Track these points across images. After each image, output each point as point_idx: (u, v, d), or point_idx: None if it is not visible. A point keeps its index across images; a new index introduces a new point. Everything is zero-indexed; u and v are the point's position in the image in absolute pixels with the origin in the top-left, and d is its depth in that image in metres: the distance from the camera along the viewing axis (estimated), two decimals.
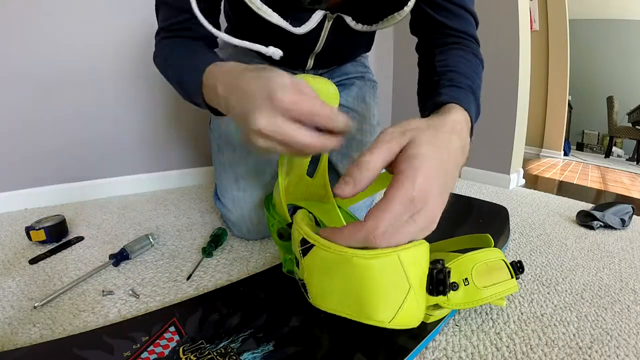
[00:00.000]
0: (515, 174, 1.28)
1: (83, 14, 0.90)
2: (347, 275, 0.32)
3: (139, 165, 1.07)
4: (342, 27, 0.56)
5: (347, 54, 0.75)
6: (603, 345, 0.42)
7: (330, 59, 0.70)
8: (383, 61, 1.62)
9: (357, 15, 0.55)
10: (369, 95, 0.79)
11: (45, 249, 0.64)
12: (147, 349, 0.36)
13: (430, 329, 0.40)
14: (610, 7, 3.83)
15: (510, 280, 0.43)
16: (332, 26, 0.57)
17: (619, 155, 3.92)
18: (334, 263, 0.33)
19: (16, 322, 0.43)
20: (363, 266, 0.31)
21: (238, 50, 0.72)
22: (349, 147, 0.74)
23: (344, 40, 0.63)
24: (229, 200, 0.67)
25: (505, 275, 0.43)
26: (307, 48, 0.63)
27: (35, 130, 0.89)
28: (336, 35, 0.59)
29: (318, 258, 0.34)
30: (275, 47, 0.56)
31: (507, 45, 1.19)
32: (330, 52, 0.65)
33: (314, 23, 0.54)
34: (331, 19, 0.56)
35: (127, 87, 1.00)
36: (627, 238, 0.79)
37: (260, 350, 0.36)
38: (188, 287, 0.53)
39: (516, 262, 0.45)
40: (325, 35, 0.59)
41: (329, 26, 0.57)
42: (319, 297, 0.36)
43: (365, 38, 0.72)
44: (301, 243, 0.36)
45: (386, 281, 0.32)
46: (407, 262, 0.32)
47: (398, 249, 0.31)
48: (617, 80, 4.04)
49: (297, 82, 0.34)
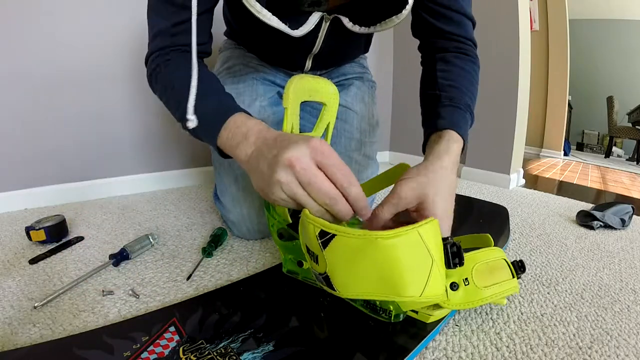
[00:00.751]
0: (515, 174, 1.28)
1: (83, 14, 0.90)
2: (373, 258, 0.33)
3: (139, 165, 1.07)
4: (340, 28, 0.57)
5: (345, 55, 0.75)
6: (603, 345, 0.42)
7: (328, 60, 0.70)
8: (383, 61, 1.62)
9: (354, 17, 0.56)
10: (367, 95, 0.80)
11: (45, 249, 0.64)
12: (147, 349, 0.36)
13: (430, 329, 0.40)
14: (610, 7, 3.83)
15: (511, 280, 0.43)
16: (330, 27, 0.57)
17: (619, 155, 3.92)
18: (359, 248, 0.34)
19: (16, 322, 0.43)
20: (388, 246, 0.33)
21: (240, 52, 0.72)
22: (348, 146, 0.74)
23: (342, 42, 0.63)
24: (228, 199, 0.67)
25: (506, 275, 0.43)
26: (305, 49, 0.63)
27: (35, 130, 0.89)
28: (333, 36, 0.59)
29: (341, 246, 0.35)
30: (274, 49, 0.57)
31: (507, 45, 1.19)
32: (328, 54, 0.65)
33: (312, 25, 0.54)
34: (328, 20, 0.56)
35: (127, 87, 1.00)
36: (627, 238, 0.79)
37: (260, 351, 0.36)
38: (188, 287, 0.53)
39: (517, 262, 0.45)
40: (323, 36, 0.59)
41: (327, 27, 0.57)
42: (345, 285, 0.36)
43: (362, 39, 0.73)
44: (320, 236, 0.35)
45: (411, 257, 0.34)
46: (427, 237, 0.34)
47: (416, 226, 0.33)
48: (617, 80, 4.04)
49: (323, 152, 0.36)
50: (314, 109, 0.74)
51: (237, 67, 0.71)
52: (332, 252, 0.35)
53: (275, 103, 0.70)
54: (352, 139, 0.74)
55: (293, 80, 0.46)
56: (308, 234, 0.37)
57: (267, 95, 0.69)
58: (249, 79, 0.69)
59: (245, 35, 0.70)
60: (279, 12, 0.51)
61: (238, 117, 0.43)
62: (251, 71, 0.71)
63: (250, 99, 0.67)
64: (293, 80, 0.46)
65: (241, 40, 0.73)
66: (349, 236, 0.34)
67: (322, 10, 0.54)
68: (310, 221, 0.36)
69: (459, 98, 0.51)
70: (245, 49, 0.73)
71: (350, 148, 0.74)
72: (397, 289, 0.34)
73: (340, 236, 0.34)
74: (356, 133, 0.75)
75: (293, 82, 0.45)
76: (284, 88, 0.45)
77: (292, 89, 0.45)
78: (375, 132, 0.80)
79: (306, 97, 0.50)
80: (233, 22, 0.69)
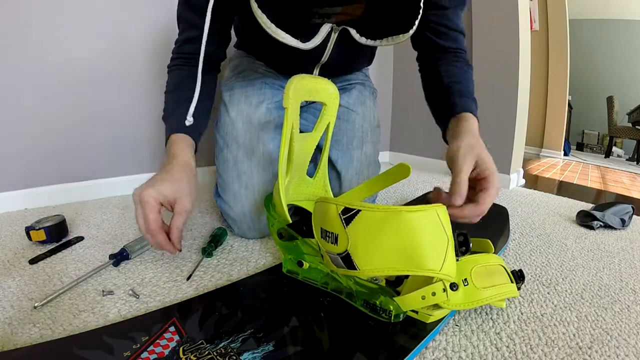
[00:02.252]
0: (515, 174, 1.28)
1: (84, 14, 0.90)
2: (397, 230, 0.35)
3: (139, 165, 1.07)
4: (347, 39, 0.60)
5: (351, 65, 0.79)
6: (603, 345, 0.42)
7: (335, 69, 0.73)
8: (383, 62, 1.62)
9: (361, 30, 0.60)
10: (369, 99, 0.82)
11: (45, 249, 0.64)
12: (147, 349, 0.36)
13: (430, 329, 0.40)
14: (610, 7, 3.83)
15: (510, 284, 0.43)
16: (338, 38, 0.61)
17: (619, 155, 3.92)
18: (383, 222, 0.36)
19: (16, 322, 0.43)
20: (411, 219, 0.35)
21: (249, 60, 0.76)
22: (349, 144, 0.75)
23: (349, 52, 0.67)
24: (230, 196, 0.68)
25: (505, 279, 0.43)
26: (313, 59, 0.66)
27: (35, 130, 0.89)
28: (341, 47, 0.63)
29: (364, 221, 0.36)
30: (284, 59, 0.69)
31: (507, 45, 1.19)
32: (335, 63, 0.69)
33: (322, 37, 0.58)
34: (337, 31, 0.59)
35: (127, 87, 1.00)
36: (627, 238, 0.79)
37: (260, 350, 0.36)
38: (188, 287, 0.53)
39: (517, 271, 0.45)
40: (331, 47, 0.63)
41: (335, 38, 0.61)
42: (368, 260, 0.37)
43: (368, 51, 0.78)
44: (343, 212, 0.38)
45: (431, 233, 0.36)
46: (443, 217, 0.37)
47: (434, 206, 0.37)
48: (617, 80, 4.04)
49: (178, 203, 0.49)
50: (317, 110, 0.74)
51: (246, 72, 0.74)
52: (355, 228, 0.37)
53: (281, 107, 0.71)
54: (354, 137, 0.76)
55: (293, 80, 0.46)
56: (328, 215, 0.39)
57: (275, 99, 0.71)
58: (257, 83, 0.72)
59: (256, 47, 0.74)
60: (289, 25, 0.54)
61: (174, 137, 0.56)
62: (259, 76, 0.73)
63: (257, 100, 0.69)
64: (293, 80, 0.46)
65: (251, 51, 0.76)
66: (373, 210, 0.36)
67: (331, 22, 0.58)
68: (331, 201, 0.39)
69: (464, 90, 0.59)
70: (254, 57, 0.76)
71: (352, 146, 0.75)
72: (419, 261, 0.35)
73: (366, 211, 0.36)
74: (358, 132, 0.76)
75: (293, 82, 0.45)
76: (285, 88, 0.46)
77: (292, 89, 0.45)
78: (376, 133, 0.81)
79: (306, 97, 0.50)
80: (245, 35, 0.74)
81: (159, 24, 0.99)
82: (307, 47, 0.57)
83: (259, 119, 0.67)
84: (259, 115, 0.67)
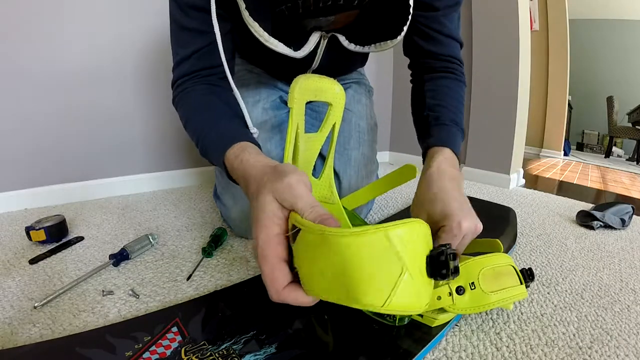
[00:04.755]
0: (515, 174, 1.28)
1: (84, 14, 0.90)
2: (328, 257, 0.29)
3: (139, 165, 1.07)
4: (337, 46, 0.59)
5: (343, 69, 0.78)
6: (603, 345, 0.42)
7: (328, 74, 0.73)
8: (383, 62, 1.62)
9: (350, 36, 0.59)
10: (364, 97, 0.82)
11: (45, 249, 0.64)
12: (149, 349, 0.36)
13: (435, 332, 0.40)
14: (610, 7, 3.83)
15: (518, 286, 0.42)
16: (328, 45, 0.60)
17: (619, 155, 3.92)
18: (316, 244, 0.30)
19: (16, 322, 0.43)
20: (342, 245, 0.28)
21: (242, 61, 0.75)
22: (346, 143, 0.75)
23: (339, 58, 0.66)
24: (229, 197, 0.68)
25: (514, 281, 0.42)
26: (305, 66, 0.66)
27: (35, 130, 0.89)
28: (331, 53, 0.62)
29: (303, 241, 0.31)
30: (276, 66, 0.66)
31: (507, 45, 1.19)
32: (327, 68, 0.68)
33: (312, 45, 0.57)
34: (326, 38, 0.59)
35: (127, 87, 1.00)
36: (627, 238, 0.79)
37: (262, 353, 0.36)
38: (188, 287, 0.53)
39: (526, 270, 0.44)
40: (321, 54, 0.62)
41: (324, 45, 0.60)
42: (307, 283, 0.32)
43: (359, 56, 0.76)
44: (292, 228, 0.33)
45: (372, 261, 0.28)
46: (398, 241, 0.29)
47: (386, 226, 0.29)
48: (617, 80, 4.04)
49: None
50: (313, 111, 0.74)
51: (240, 74, 0.73)
52: (297, 246, 0.32)
53: (277, 107, 0.72)
54: (351, 137, 0.76)
55: (298, 80, 0.45)
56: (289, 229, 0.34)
57: (270, 99, 0.71)
58: (252, 83, 0.71)
59: (249, 53, 0.73)
60: (282, 36, 0.53)
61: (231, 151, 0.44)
62: (254, 76, 0.73)
63: (253, 100, 0.69)
64: (298, 80, 0.45)
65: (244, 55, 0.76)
66: (308, 230, 0.30)
67: (323, 30, 0.57)
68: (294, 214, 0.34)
69: (445, 117, 0.56)
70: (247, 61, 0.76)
71: (349, 146, 0.75)
72: (353, 294, 0.29)
73: (303, 230, 0.31)
74: (354, 131, 0.76)
75: (298, 81, 0.45)
76: (290, 87, 0.45)
77: (298, 89, 0.45)
78: (373, 131, 0.81)
79: (312, 96, 0.50)
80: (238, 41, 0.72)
81: (159, 24, 0.99)
82: (300, 56, 0.56)
83: (255, 119, 0.67)
84: (255, 116, 0.67)
